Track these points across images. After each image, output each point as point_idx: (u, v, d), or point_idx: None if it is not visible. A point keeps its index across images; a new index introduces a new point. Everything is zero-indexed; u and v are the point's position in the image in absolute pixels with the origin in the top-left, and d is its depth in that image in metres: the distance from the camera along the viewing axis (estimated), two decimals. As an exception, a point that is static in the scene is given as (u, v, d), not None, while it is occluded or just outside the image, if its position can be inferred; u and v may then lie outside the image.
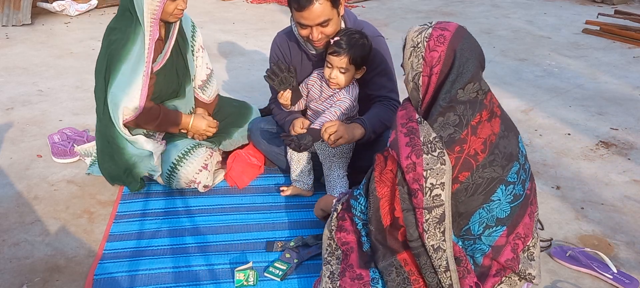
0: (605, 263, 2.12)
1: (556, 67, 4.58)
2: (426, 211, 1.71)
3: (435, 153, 1.69)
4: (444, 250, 1.73)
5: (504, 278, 1.83)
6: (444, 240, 1.73)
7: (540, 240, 2.02)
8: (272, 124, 2.75)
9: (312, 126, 2.40)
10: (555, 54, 4.94)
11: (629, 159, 3.05)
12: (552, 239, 2.28)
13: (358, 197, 1.94)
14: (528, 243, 1.84)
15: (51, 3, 5.79)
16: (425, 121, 1.74)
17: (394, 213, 1.80)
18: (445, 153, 1.69)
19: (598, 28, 5.59)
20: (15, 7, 5.45)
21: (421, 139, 1.71)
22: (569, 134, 3.34)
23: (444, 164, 1.68)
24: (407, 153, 1.72)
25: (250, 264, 2.06)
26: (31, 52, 4.72)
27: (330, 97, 2.49)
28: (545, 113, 3.65)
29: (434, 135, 1.70)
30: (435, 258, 1.74)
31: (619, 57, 4.87)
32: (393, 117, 2.41)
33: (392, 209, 1.81)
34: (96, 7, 6.15)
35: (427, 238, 1.72)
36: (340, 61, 2.34)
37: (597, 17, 5.95)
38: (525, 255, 1.83)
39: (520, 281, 1.85)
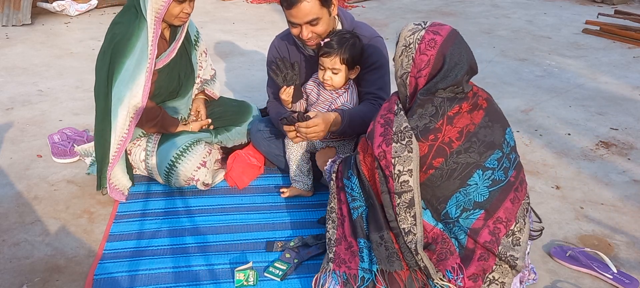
0: (605, 263, 2.12)
1: (556, 67, 4.58)
2: (397, 196, 1.82)
3: (404, 142, 1.79)
4: (415, 234, 1.83)
5: (495, 266, 1.84)
6: (415, 225, 1.83)
7: (532, 230, 2.03)
8: (272, 125, 2.75)
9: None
10: (555, 54, 4.94)
11: (629, 159, 3.05)
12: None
13: (350, 176, 2.02)
14: (511, 228, 1.86)
15: (51, 3, 5.79)
16: (402, 112, 1.83)
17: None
18: (413, 142, 1.78)
19: (598, 28, 5.59)
20: (15, 7, 5.45)
21: (393, 129, 1.81)
22: (569, 134, 3.34)
23: (411, 152, 1.78)
24: (379, 142, 1.84)
25: (250, 264, 2.06)
26: (31, 52, 4.72)
27: (329, 101, 2.49)
28: (545, 113, 3.65)
29: (405, 125, 1.80)
30: (407, 241, 1.84)
31: (619, 57, 4.88)
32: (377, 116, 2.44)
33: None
34: (96, 7, 6.15)
35: (399, 221, 1.84)
36: (331, 62, 2.34)
37: (597, 17, 5.95)
38: (510, 239, 1.85)
39: (511, 269, 1.86)
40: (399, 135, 1.80)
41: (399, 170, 1.79)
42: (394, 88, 2.57)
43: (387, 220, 1.91)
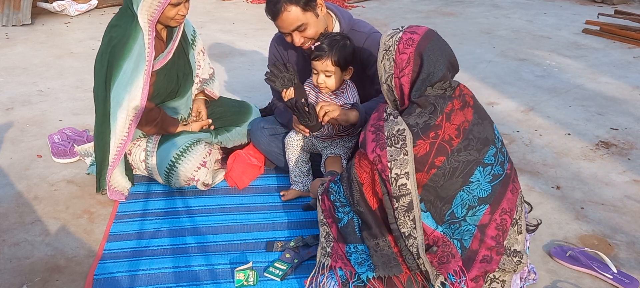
0: (605, 263, 2.12)
1: (556, 67, 4.58)
2: (395, 199, 1.82)
3: (398, 145, 1.80)
4: (415, 238, 1.83)
5: (497, 266, 1.84)
6: (415, 228, 1.83)
7: (528, 224, 2.04)
8: (273, 124, 2.75)
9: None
10: (555, 54, 4.94)
11: (629, 159, 3.05)
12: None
13: (337, 181, 2.06)
14: (514, 217, 1.88)
15: (51, 3, 5.79)
16: (392, 117, 1.85)
17: (378, 196, 1.89)
18: (408, 145, 1.79)
19: (598, 28, 5.59)
20: (15, 7, 5.45)
21: (385, 133, 1.82)
22: (569, 134, 3.34)
23: (407, 155, 1.79)
24: (372, 147, 1.85)
25: (250, 264, 2.06)
26: (31, 52, 4.72)
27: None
28: (545, 113, 3.65)
29: (397, 127, 1.81)
30: (407, 244, 1.84)
31: (619, 57, 4.88)
32: None
33: (375, 193, 1.90)
34: (96, 7, 6.15)
35: (399, 225, 1.84)
36: (323, 65, 2.35)
37: (597, 17, 5.95)
38: (515, 229, 1.87)
39: (514, 260, 1.86)
40: (392, 138, 1.81)
41: (396, 174, 1.79)
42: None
43: (381, 226, 1.92)
